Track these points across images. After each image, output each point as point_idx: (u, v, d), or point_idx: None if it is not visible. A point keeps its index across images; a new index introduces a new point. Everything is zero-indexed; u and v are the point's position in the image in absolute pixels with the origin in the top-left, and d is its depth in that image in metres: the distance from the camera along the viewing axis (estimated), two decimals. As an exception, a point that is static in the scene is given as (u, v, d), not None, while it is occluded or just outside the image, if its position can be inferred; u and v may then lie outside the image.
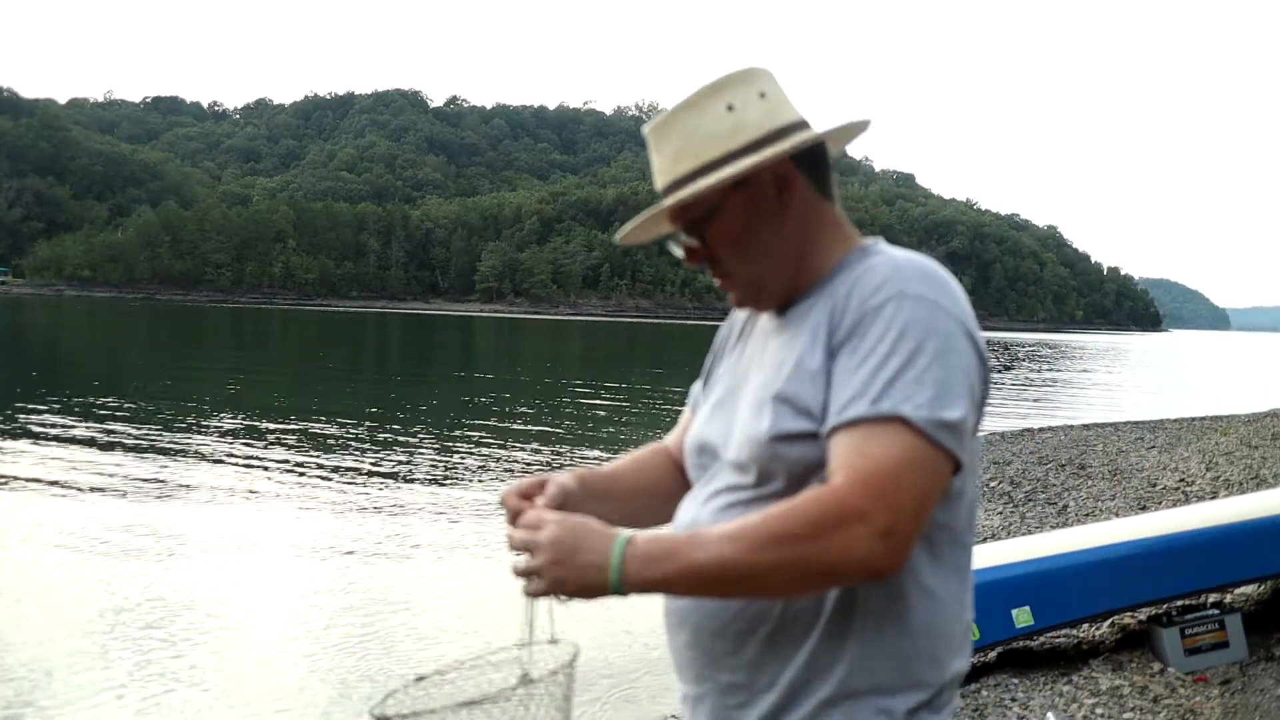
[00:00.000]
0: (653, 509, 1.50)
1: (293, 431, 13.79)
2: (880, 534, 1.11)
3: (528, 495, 1.35)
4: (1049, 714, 4.00)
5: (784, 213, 1.31)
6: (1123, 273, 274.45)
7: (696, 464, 1.41)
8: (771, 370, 1.29)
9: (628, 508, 1.48)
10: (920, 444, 1.14)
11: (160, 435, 12.82)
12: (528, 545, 1.20)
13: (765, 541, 1.12)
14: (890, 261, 1.26)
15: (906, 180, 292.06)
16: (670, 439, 1.58)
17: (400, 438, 13.61)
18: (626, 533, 1.19)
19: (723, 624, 1.27)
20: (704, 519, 1.31)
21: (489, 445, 13.13)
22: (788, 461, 1.23)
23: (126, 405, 15.95)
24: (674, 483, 1.51)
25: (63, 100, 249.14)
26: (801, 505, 1.14)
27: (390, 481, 10.37)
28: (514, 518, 1.30)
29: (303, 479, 10.31)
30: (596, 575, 1.16)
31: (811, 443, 1.22)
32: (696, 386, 1.55)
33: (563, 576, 1.17)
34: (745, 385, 1.35)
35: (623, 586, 1.16)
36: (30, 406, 14.79)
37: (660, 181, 1.33)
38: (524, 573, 1.20)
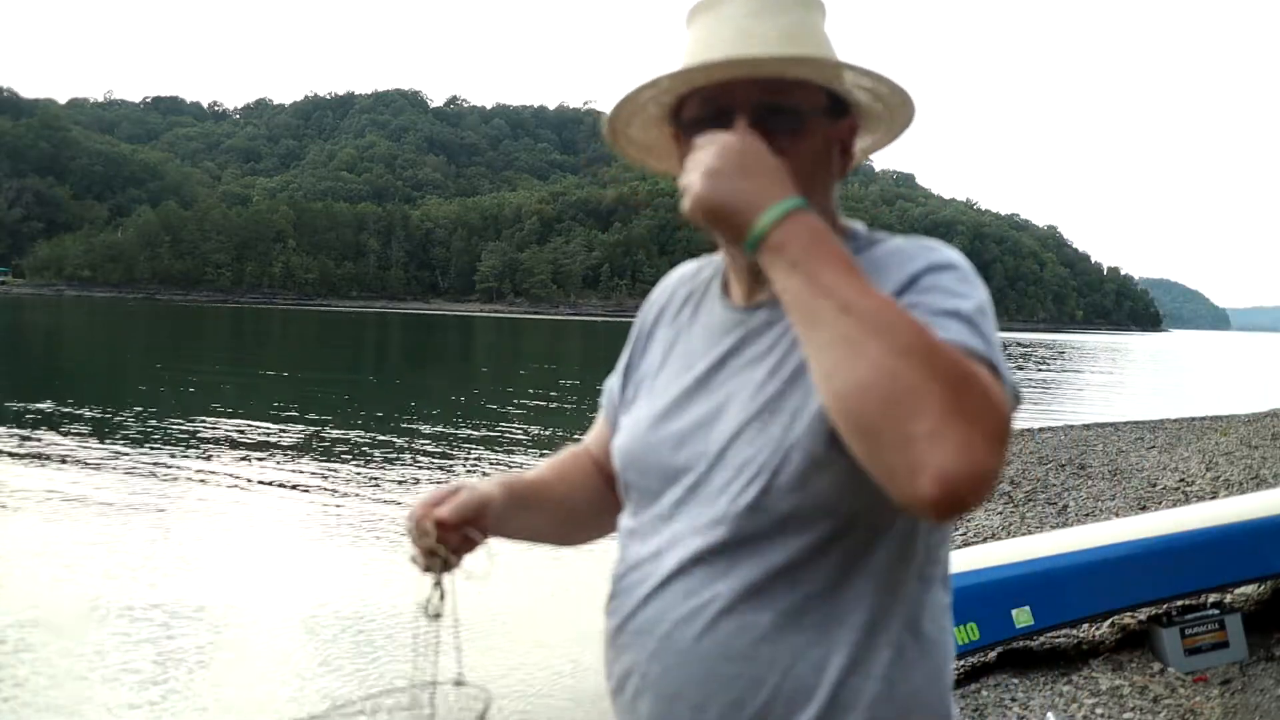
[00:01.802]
0: (583, 523, 1.31)
1: (291, 432, 13.78)
2: (987, 458, 0.88)
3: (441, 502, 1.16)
4: (1049, 714, 4.00)
5: (834, 179, 1.15)
6: (1123, 273, 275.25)
7: (643, 485, 1.16)
8: (776, 379, 1.07)
9: (556, 520, 1.30)
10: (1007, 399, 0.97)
11: (158, 436, 12.80)
12: (700, 152, 1.00)
13: (903, 339, 0.90)
14: (908, 240, 1.12)
15: (906, 180, 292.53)
16: (591, 441, 1.35)
17: (400, 439, 13.60)
18: (795, 199, 0.99)
19: (708, 693, 1.05)
20: (693, 579, 1.07)
21: (488, 444, 13.11)
22: (800, 500, 1.03)
23: (125, 405, 15.94)
24: (602, 494, 1.30)
25: (63, 100, 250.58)
26: (967, 362, 0.92)
27: (389, 481, 10.37)
28: (420, 532, 1.14)
29: (302, 479, 10.30)
30: (747, 212, 0.97)
31: (835, 475, 1.01)
32: (613, 382, 1.32)
33: (714, 190, 0.97)
34: (716, 396, 1.12)
35: (767, 237, 0.96)
36: (29, 406, 14.78)
37: (752, 46, 1.06)
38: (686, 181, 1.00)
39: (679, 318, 1.24)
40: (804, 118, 1.08)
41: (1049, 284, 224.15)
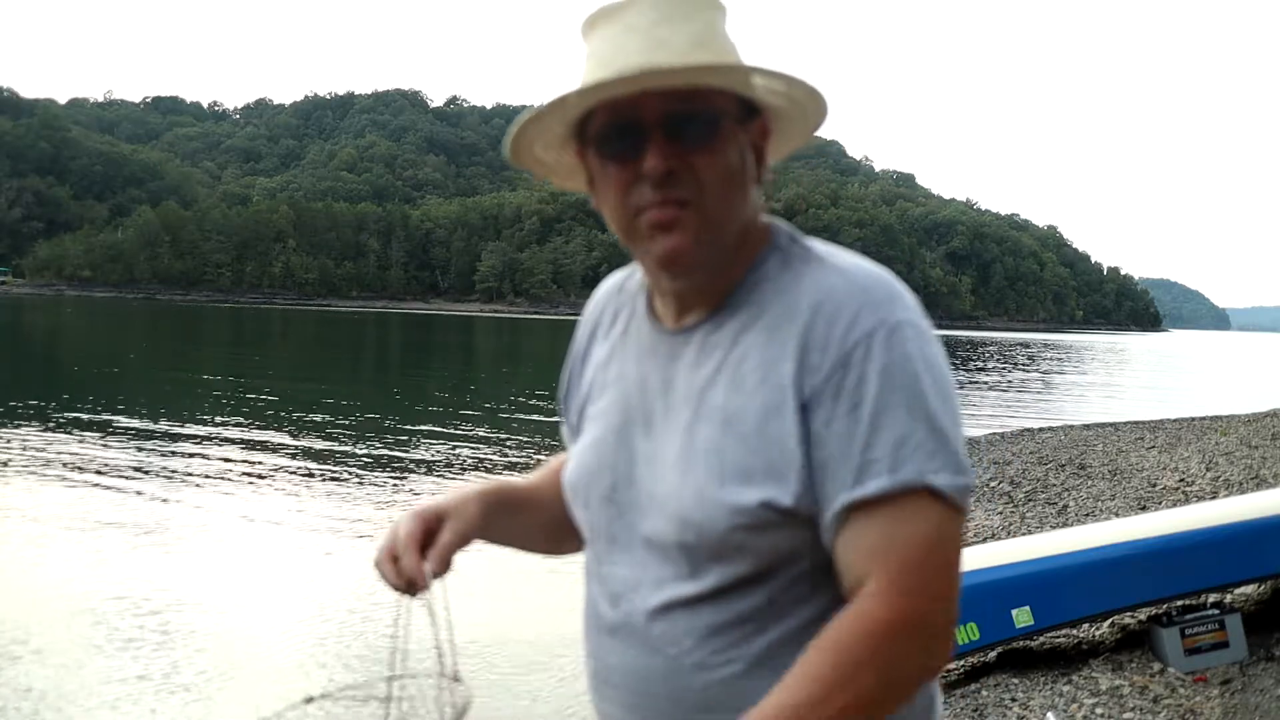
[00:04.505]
0: (571, 534, 1.25)
1: (292, 432, 13.78)
2: (941, 631, 0.98)
3: (427, 533, 1.14)
4: (1049, 714, 4.00)
5: (753, 184, 1.09)
6: (1123, 273, 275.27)
7: (592, 521, 1.16)
8: (713, 423, 1.04)
9: (543, 528, 1.28)
10: (949, 514, 0.98)
11: (158, 436, 12.80)
12: None
13: (835, 689, 0.94)
14: (844, 277, 1.04)
15: (906, 180, 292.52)
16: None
17: (400, 437, 13.60)
18: None
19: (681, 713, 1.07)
20: (654, 632, 1.06)
21: (489, 443, 13.11)
22: (754, 552, 1.02)
23: (123, 407, 15.94)
24: None
25: (63, 100, 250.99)
26: (851, 637, 0.96)
27: (390, 481, 10.37)
28: (396, 573, 1.11)
29: (301, 479, 10.30)
30: None
31: (790, 528, 1.01)
32: (564, 421, 1.29)
33: None
34: (655, 430, 1.09)
35: None
36: (29, 407, 14.78)
37: (660, 56, 1.00)
38: None
39: (611, 334, 1.21)
40: (718, 124, 1.03)
41: (1049, 284, 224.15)
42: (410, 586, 1.09)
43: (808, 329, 1.01)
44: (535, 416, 16.72)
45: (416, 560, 1.08)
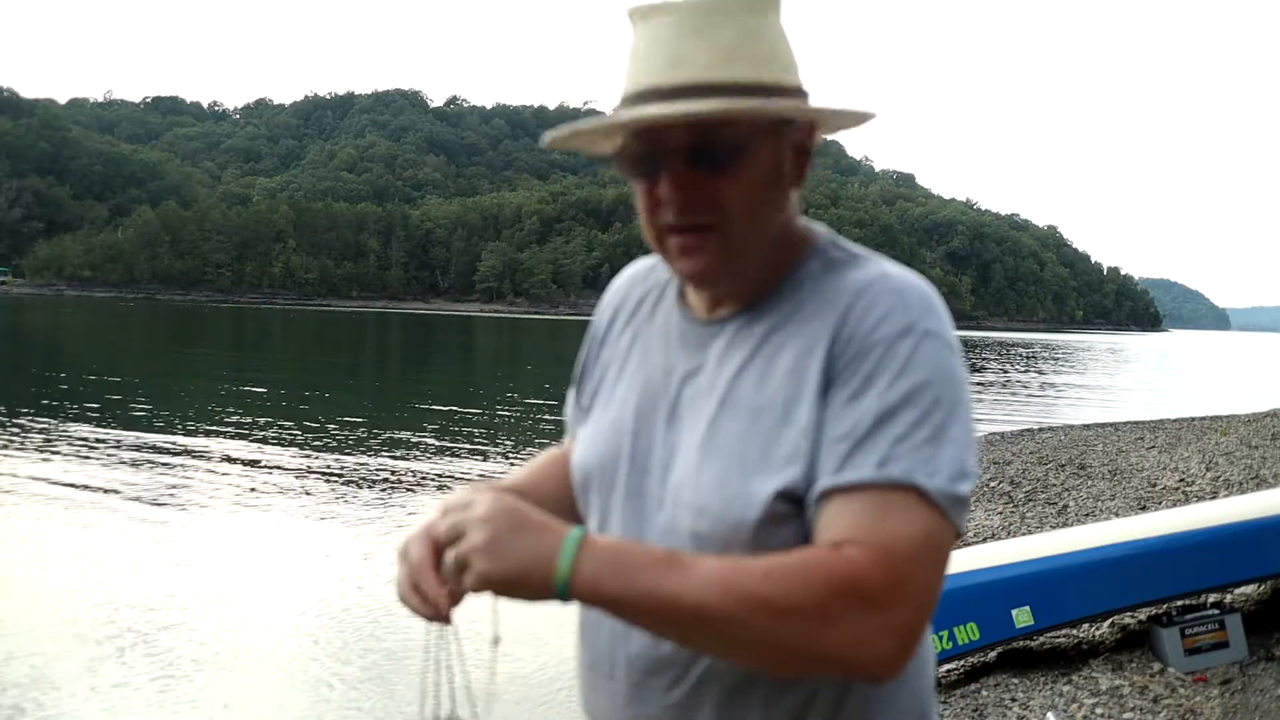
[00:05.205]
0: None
1: (293, 434, 13.78)
2: (897, 631, 0.90)
3: (438, 552, 1.01)
4: (1049, 714, 4.00)
5: (792, 189, 1.05)
6: (1123, 273, 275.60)
7: (601, 505, 1.12)
8: (738, 414, 1.01)
9: None
10: (936, 522, 0.93)
11: (160, 439, 12.80)
12: (457, 528, 0.92)
13: (759, 605, 0.88)
14: (884, 279, 1.02)
15: (906, 180, 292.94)
16: (568, 449, 1.29)
17: (403, 440, 13.59)
18: (578, 527, 0.93)
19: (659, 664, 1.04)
20: None
21: (493, 446, 13.12)
22: (764, 548, 0.97)
23: (126, 408, 15.94)
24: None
25: (63, 100, 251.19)
26: (812, 574, 0.89)
27: (392, 483, 10.37)
28: (414, 570, 0.99)
29: (303, 482, 10.30)
30: (541, 567, 0.89)
31: (802, 522, 0.98)
32: (573, 401, 1.25)
33: (497, 563, 0.90)
34: (678, 418, 1.06)
35: (570, 589, 0.89)
36: (30, 408, 14.77)
37: (680, 74, 0.97)
38: (452, 566, 0.93)
39: (635, 318, 1.18)
40: (744, 149, 0.99)
41: (1049, 284, 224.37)
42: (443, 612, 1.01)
43: (840, 322, 1.00)
44: (536, 418, 16.71)
45: (436, 585, 0.98)
